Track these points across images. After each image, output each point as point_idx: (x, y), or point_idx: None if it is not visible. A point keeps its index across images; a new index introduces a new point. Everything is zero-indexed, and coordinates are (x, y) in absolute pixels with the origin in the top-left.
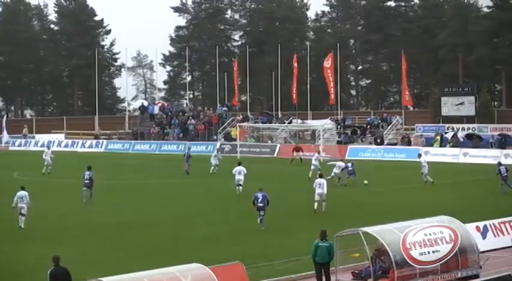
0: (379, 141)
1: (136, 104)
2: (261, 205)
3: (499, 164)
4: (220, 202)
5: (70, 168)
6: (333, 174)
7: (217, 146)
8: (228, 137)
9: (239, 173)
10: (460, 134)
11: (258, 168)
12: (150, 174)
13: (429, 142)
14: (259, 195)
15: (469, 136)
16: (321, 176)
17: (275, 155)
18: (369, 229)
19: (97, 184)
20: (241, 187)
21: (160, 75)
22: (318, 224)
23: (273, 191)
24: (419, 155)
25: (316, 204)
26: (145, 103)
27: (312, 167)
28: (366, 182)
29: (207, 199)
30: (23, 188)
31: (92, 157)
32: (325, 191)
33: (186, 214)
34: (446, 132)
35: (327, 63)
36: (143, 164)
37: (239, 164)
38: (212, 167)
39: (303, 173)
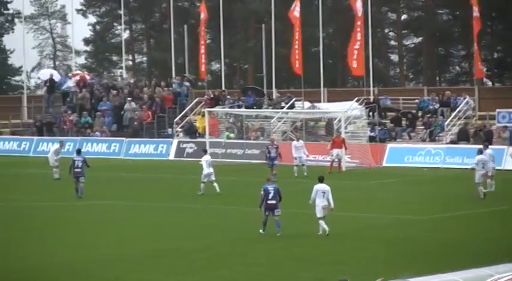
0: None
1: (42, 76)
2: (273, 202)
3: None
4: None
5: None
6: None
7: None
8: (190, 131)
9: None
10: None
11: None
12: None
13: None
14: (270, 188)
15: None
16: (321, 180)
17: None
18: None
19: None
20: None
21: (80, 31)
22: (321, 271)
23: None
24: (486, 147)
25: (321, 224)
26: (56, 75)
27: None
28: None
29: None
30: None
31: None
32: (331, 202)
33: (112, 258)
34: None
35: (356, 7)
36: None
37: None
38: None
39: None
